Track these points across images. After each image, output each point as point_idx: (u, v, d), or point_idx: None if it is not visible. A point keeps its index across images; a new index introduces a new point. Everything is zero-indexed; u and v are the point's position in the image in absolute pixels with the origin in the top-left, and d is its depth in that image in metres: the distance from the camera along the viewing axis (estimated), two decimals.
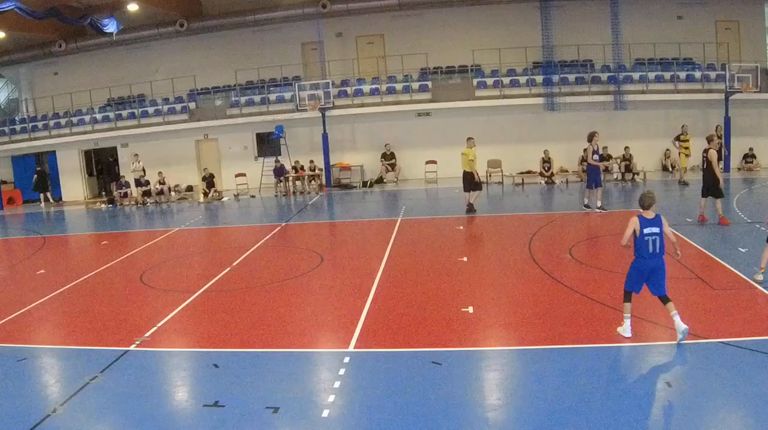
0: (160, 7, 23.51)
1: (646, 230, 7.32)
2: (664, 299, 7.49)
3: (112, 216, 21.38)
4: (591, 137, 16.27)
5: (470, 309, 9.05)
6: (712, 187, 13.73)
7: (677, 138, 22.34)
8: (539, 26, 23.91)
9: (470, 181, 16.81)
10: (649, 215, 7.38)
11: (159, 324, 8.95)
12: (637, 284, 7.55)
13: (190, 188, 24.16)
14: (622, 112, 23.76)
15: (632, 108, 23.71)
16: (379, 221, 17.37)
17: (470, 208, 16.79)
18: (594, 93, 23.80)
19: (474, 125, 23.53)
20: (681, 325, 7.47)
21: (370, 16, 24.09)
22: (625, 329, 7.67)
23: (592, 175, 16.16)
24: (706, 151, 13.92)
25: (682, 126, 22.21)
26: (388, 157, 24.11)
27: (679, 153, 22.79)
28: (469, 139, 16.87)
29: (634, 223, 7.35)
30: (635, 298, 7.76)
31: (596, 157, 16.25)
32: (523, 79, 24.04)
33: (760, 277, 9.80)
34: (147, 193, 23.47)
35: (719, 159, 13.86)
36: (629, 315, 7.69)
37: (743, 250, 12.05)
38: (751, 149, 24.19)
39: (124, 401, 6.55)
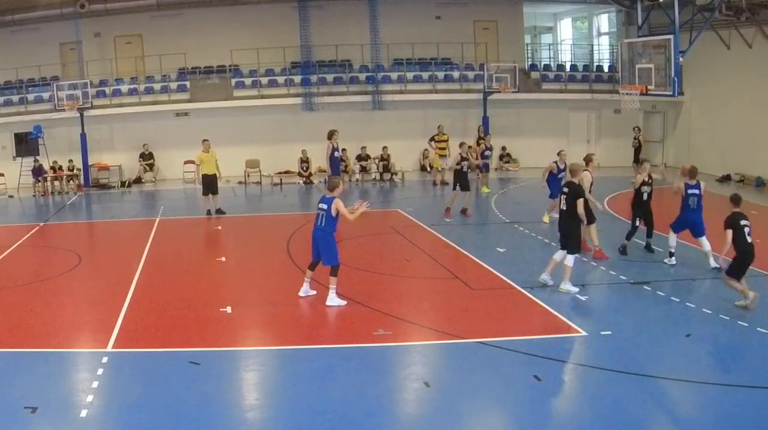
0: None
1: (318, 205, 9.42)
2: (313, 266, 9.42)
3: None
4: (330, 135, 17.04)
5: (228, 309, 9.14)
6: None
7: (432, 138, 22.59)
8: (298, 26, 23.95)
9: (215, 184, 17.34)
10: (328, 194, 9.24)
11: None
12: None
13: None
14: (380, 112, 23.91)
15: (390, 108, 23.86)
16: (138, 221, 17.45)
17: (220, 210, 17.25)
18: (352, 93, 23.94)
19: (232, 125, 23.52)
20: (308, 290, 9.40)
21: (128, 16, 23.92)
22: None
23: (334, 169, 16.98)
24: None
25: (438, 126, 22.40)
26: (147, 157, 24.07)
27: (435, 153, 23.03)
28: (204, 141, 17.57)
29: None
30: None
31: (337, 154, 17.12)
32: (281, 79, 24.10)
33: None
34: None
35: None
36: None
37: (501, 250, 12.26)
38: (504, 149, 24.47)
39: None
